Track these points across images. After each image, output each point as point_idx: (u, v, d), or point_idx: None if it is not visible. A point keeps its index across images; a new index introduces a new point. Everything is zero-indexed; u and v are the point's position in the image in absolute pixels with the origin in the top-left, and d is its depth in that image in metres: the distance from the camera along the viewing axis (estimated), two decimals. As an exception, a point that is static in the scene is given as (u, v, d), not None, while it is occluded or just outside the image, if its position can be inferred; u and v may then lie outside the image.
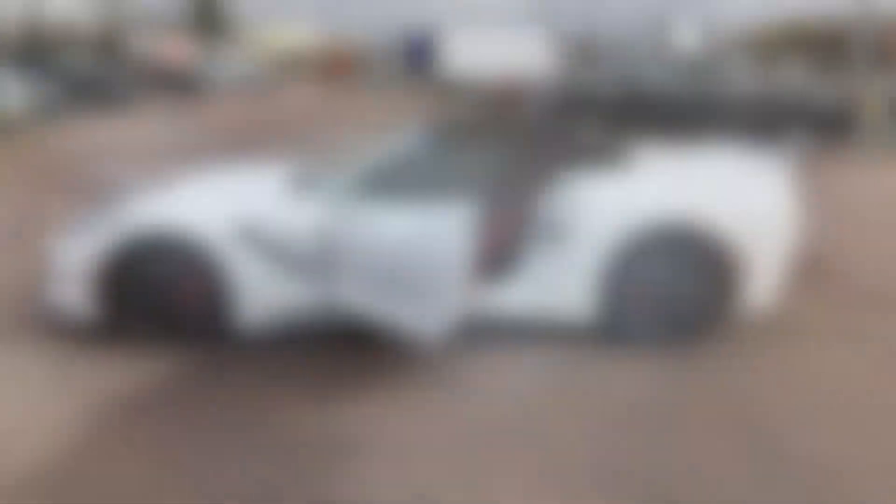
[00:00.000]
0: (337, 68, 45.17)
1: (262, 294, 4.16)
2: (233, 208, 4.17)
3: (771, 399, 3.47)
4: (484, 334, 4.19)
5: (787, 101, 11.93)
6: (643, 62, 13.76)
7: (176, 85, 27.82)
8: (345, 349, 4.12)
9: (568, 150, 4.15)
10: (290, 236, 4.05)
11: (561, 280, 4.06)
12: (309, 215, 4.06)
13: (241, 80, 32.70)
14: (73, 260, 4.21)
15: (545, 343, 4.06)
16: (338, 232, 3.72)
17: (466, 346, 4.06)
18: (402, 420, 3.33)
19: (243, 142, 13.71)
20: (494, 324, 4.29)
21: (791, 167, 4.30)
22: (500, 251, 3.99)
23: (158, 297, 4.19)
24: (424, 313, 3.59)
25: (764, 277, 4.02)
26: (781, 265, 4.10)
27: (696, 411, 3.37)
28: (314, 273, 3.98)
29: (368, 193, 4.07)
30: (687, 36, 41.95)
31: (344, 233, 3.72)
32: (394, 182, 4.06)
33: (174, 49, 34.74)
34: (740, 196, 4.01)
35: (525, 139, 4.23)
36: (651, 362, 3.86)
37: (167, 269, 4.16)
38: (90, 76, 21.60)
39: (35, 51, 20.74)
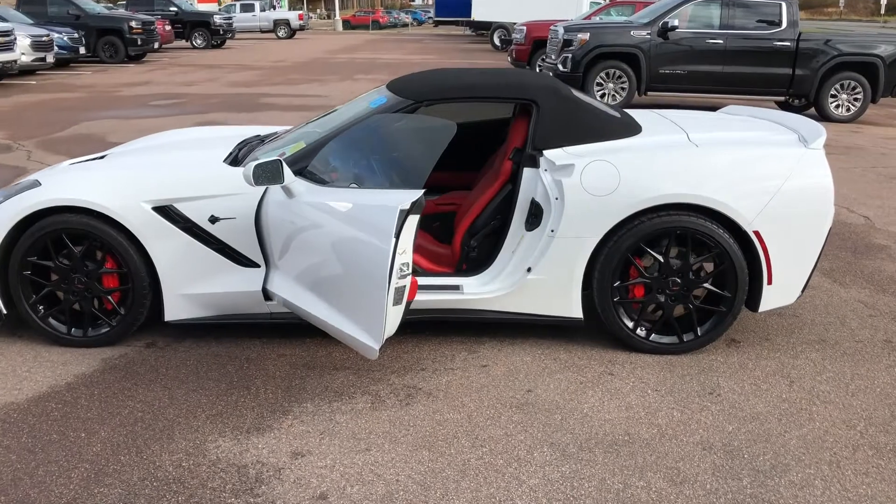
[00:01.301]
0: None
1: (184, 283, 3.94)
2: (157, 183, 3.89)
3: None
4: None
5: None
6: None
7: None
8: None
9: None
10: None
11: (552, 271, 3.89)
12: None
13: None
14: None
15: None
16: (267, 212, 3.60)
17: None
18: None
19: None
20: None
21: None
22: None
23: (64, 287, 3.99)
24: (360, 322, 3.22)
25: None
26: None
27: None
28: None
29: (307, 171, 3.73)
30: None
31: (273, 215, 3.58)
32: (336, 159, 3.69)
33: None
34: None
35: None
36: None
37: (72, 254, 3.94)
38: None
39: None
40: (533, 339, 4.08)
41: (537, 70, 16.44)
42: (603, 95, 12.72)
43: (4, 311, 3.99)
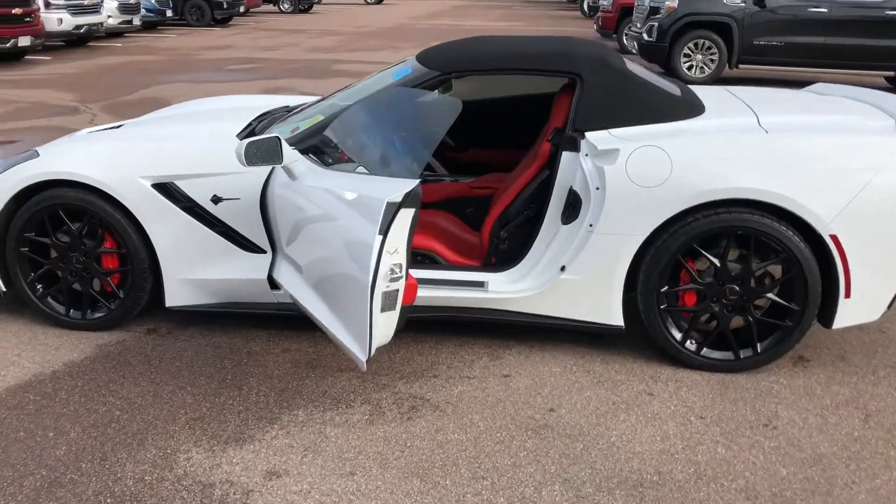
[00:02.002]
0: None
1: (185, 267, 3.62)
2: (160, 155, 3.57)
3: None
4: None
5: None
6: None
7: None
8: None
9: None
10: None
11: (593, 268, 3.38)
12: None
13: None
14: None
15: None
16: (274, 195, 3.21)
17: (495, 345, 3.61)
18: (403, 433, 2.91)
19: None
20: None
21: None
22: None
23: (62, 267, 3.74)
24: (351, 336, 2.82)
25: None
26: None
27: None
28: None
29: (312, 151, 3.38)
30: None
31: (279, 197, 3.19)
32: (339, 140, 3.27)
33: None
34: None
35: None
36: (705, 378, 3.31)
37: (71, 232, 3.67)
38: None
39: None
40: (566, 347, 3.60)
41: (624, 40, 15.60)
42: (690, 68, 11.88)
43: (3, 289, 3.77)
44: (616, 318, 3.41)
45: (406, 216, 2.59)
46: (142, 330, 3.78)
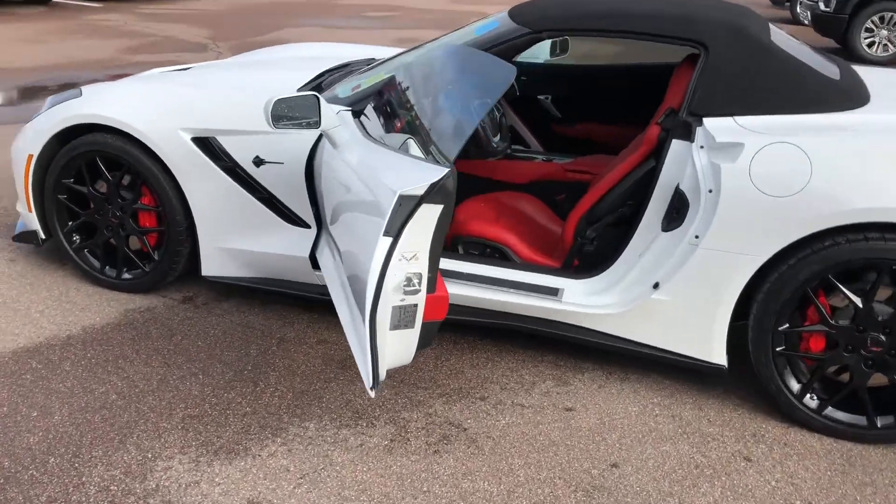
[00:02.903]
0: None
1: (223, 234, 3.21)
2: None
3: None
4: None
5: None
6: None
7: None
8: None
9: None
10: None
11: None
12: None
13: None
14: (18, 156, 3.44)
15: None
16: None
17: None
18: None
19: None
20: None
21: None
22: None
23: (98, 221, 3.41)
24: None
25: None
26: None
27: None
28: None
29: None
30: None
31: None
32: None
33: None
34: None
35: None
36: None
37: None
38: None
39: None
40: (652, 381, 2.93)
41: (797, 9, 14.04)
42: (871, 45, 10.43)
43: (43, 237, 3.50)
44: (717, 354, 2.71)
45: (430, 213, 2.01)
46: (178, 297, 3.41)
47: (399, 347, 2.15)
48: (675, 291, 2.68)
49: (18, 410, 2.60)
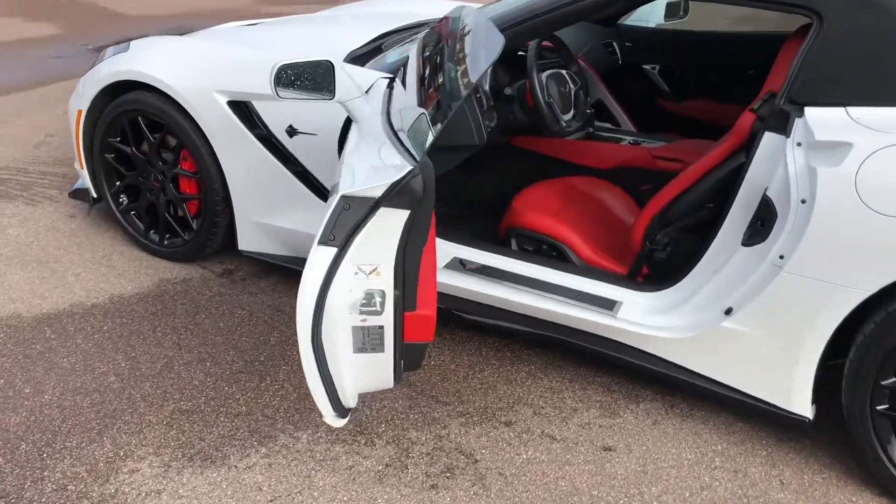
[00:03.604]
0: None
1: (258, 208, 2.95)
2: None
3: None
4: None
5: None
6: None
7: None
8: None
9: None
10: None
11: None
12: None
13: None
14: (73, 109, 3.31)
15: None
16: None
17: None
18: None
19: None
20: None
21: None
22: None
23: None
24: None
25: None
26: None
27: None
28: None
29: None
30: None
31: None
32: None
33: None
34: None
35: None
36: None
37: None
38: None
39: None
40: (721, 421, 2.42)
41: None
42: None
43: (94, 195, 3.38)
44: (799, 402, 2.17)
45: (392, 220, 1.62)
46: (218, 269, 3.20)
47: (371, 371, 1.79)
48: (750, 321, 2.15)
49: (13, 384, 2.47)
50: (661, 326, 2.34)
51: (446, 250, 2.66)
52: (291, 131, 2.74)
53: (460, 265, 2.63)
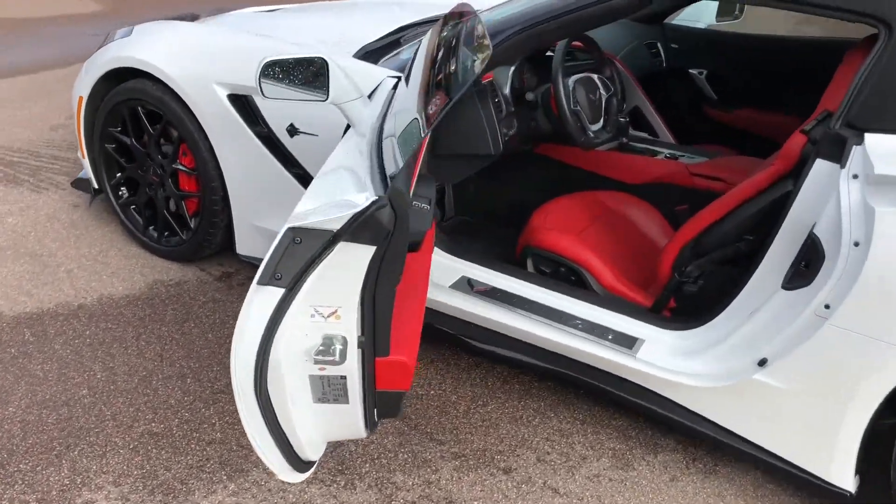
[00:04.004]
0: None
1: (256, 210, 2.74)
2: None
3: None
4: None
5: None
6: None
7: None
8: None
9: None
10: None
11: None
12: None
13: None
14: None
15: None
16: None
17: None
18: None
19: None
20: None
21: None
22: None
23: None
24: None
25: None
26: None
27: None
28: None
29: None
30: None
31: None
32: None
33: None
34: None
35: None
36: None
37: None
38: None
39: None
40: (749, 481, 2.12)
41: None
42: None
43: (95, 186, 3.21)
44: (840, 474, 1.88)
45: (353, 257, 1.37)
46: (216, 272, 3.01)
47: (337, 422, 1.56)
48: (786, 377, 1.87)
49: (-22, 393, 2.31)
50: (686, 372, 2.07)
51: (454, 267, 2.42)
52: (292, 130, 2.52)
53: (468, 286, 2.39)
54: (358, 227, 1.33)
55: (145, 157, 2.97)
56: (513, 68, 2.56)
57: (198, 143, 2.74)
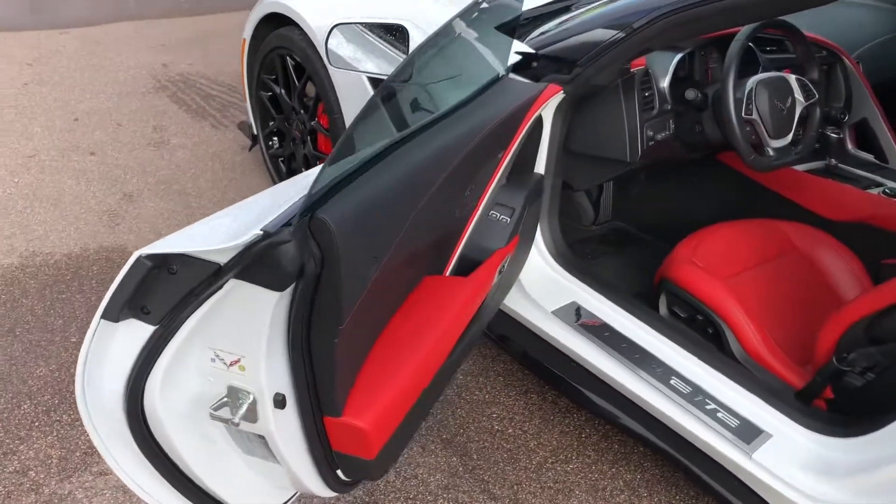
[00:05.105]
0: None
1: None
2: None
3: None
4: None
5: None
6: None
7: None
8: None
9: None
10: None
11: None
12: None
13: None
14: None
15: None
16: None
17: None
18: None
19: None
20: None
21: None
22: None
23: None
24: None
25: None
26: None
27: None
28: None
29: None
30: None
31: None
32: None
33: None
34: None
35: None
36: None
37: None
38: None
39: None
40: None
41: None
42: None
43: (254, 132, 3.14)
44: None
45: (253, 299, 1.02)
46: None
47: (281, 478, 1.26)
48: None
49: None
50: (815, 492, 1.52)
51: (568, 289, 2.02)
52: (413, 103, 2.21)
53: (575, 314, 1.97)
54: (253, 265, 1.00)
55: (291, 110, 2.83)
56: (678, 56, 2.04)
57: (332, 104, 2.53)
